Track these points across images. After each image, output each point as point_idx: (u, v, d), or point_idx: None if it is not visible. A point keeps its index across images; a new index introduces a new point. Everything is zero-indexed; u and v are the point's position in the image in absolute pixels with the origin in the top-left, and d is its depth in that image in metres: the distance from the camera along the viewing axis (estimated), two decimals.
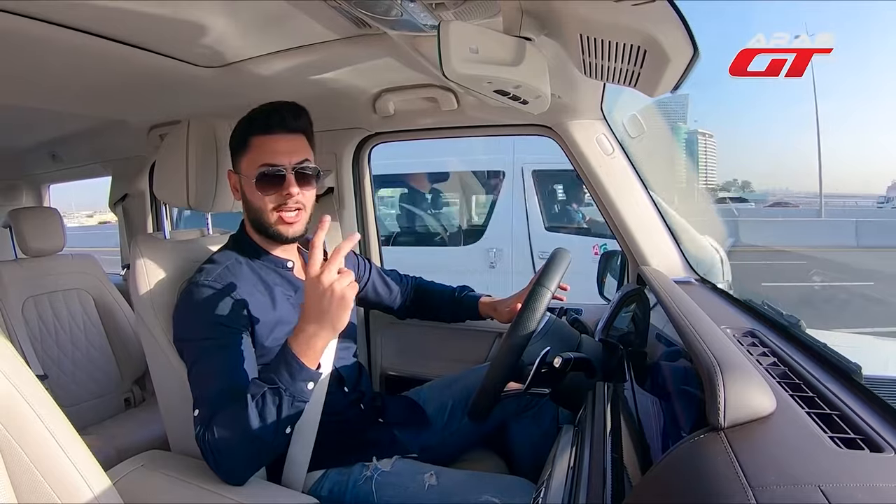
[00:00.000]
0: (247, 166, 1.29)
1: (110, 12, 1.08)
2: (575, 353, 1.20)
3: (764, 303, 1.26)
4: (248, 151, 1.29)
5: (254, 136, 1.29)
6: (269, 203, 1.29)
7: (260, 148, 1.28)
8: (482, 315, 1.72)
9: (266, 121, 1.28)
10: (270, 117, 1.28)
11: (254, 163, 1.28)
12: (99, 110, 1.96)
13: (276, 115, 1.28)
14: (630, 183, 1.78)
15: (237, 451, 1.09)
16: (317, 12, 1.14)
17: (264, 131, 1.28)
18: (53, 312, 2.39)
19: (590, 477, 0.82)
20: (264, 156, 1.27)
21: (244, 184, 1.31)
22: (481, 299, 1.74)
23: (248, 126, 1.30)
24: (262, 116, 1.29)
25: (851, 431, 0.58)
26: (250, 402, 1.06)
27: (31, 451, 0.77)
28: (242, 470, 1.13)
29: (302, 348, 1.10)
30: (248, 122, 1.30)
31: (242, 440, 1.07)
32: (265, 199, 1.28)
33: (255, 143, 1.28)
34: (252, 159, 1.28)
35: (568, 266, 1.28)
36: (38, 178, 3.41)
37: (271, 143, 1.28)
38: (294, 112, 1.31)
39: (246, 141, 1.30)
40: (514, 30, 0.97)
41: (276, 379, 1.09)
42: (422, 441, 1.48)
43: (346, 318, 1.10)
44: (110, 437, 2.14)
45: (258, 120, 1.29)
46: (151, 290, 1.32)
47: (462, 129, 2.07)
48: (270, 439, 1.09)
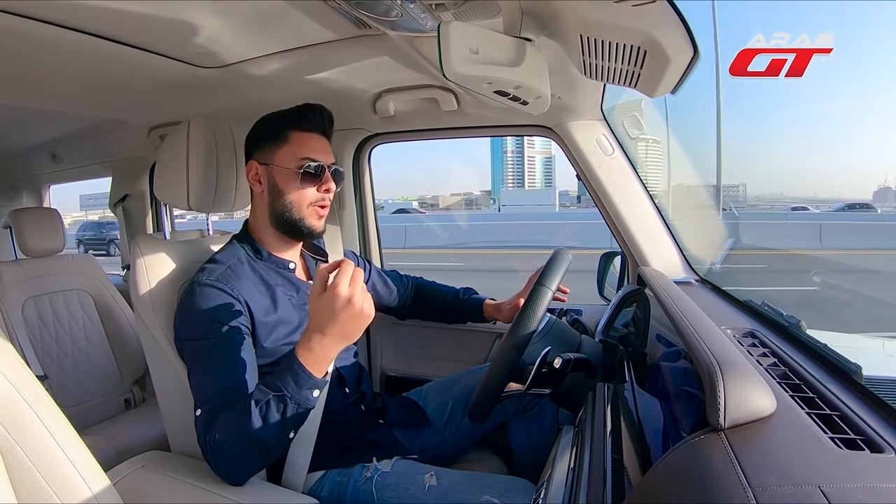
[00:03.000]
0: (284, 158, 1.31)
1: (110, 13, 1.08)
2: (575, 354, 1.20)
3: (764, 303, 1.26)
4: (287, 144, 1.31)
5: (293, 131, 1.32)
6: (307, 196, 1.31)
7: (301, 142, 1.31)
8: (486, 317, 1.73)
9: (306, 118, 1.32)
10: (309, 116, 1.32)
11: (293, 155, 1.30)
12: (99, 111, 1.96)
13: (315, 116, 1.33)
14: (630, 183, 1.78)
15: (239, 453, 1.08)
16: (316, 13, 1.14)
17: (304, 128, 1.32)
18: (53, 313, 2.39)
19: (590, 477, 0.82)
20: (307, 150, 1.31)
21: (278, 175, 1.32)
22: (486, 301, 1.74)
23: (286, 120, 1.32)
24: (301, 113, 1.32)
25: (851, 432, 0.58)
26: (254, 407, 1.05)
27: (31, 451, 0.77)
28: (243, 472, 1.12)
29: (310, 356, 1.07)
30: (285, 116, 1.33)
31: (245, 443, 1.06)
32: (304, 191, 1.31)
33: (295, 137, 1.31)
34: (291, 152, 1.30)
35: (568, 266, 1.28)
36: (39, 179, 3.41)
37: (311, 140, 1.32)
38: (329, 117, 1.36)
39: (285, 133, 1.32)
40: (514, 30, 0.97)
41: (282, 387, 1.06)
42: (422, 441, 1.48)
43: (361, 331, 1.08)
44: (110, 437, 2.14)
45: (296, 116, 1.32)
46: (151, 290, 1.32)
47: (462, 130, 2.07)
48: (273, 443, 1.08)
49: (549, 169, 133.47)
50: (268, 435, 1.05)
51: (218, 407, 1.10)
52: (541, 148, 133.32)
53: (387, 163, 60.04)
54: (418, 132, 2.11)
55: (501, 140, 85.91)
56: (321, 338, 1.06)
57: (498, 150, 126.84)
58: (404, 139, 2.20)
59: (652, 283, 1.40)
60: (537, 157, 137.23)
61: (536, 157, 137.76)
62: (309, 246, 1.51)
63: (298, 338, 1.31)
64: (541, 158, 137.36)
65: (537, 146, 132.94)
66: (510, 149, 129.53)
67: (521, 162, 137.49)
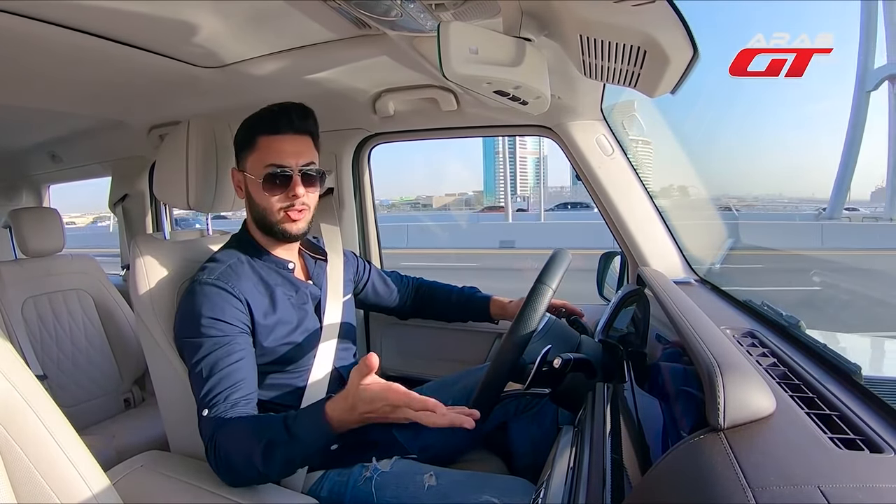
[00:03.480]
0: (253, 165, 1.30)
1: (110, 13, 1.08)
2: (575, 354, 1.20)
3: (763, 303, 1.26)
4: (255, 150, 1.29)
5: (261, 136, 1.29)
6: (275, 203, 1.30)
7: (267, 148, 1.28)
8: (492, 315, 1.73)
9: (274, 120, 1.29)
10: (279, 117, 1.29)
11: (260, 162, 1.28)
12: (99, 110, 1.96)
13: (285, 116, 1.29)
14: (630, 183, 1.78)
15: (242, 469, 1.11)
16: (316, 13, 1.14)
17: (272, 131, 1.29)
18: (53, 313, 2.39)
19: (589, 477, 0.82)
20: (271, 156, 1.28)
21: (249, 183, 1.32)
22: (493, 299, 1.74)
23: (256, 124, 1.30)
24: (271, 116, 1.29)
25: (851, 432, 0.58)
26: (259, 442, 1.06)
27: (31, 451, 0.77)
28: (245, 480, 1.14)
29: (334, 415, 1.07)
30: (256, 121, 1.30)
31: (246, 462, 1.09)
32: (271, 199, 1.30)
33: (262, 143, 1.29)
34: (259, 158, 1.29)
35: (568, 265, 1.28)
36: (38, 179, 3.41)
37: (279, 143, 1.29)
38: (302, 113, 1.31)
39: (253, 139, 1.30)
40: (513, 30, 0.97)
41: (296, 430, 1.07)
42: (421, 441, 1.47)
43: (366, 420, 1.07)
44: (110, 437, 2.14)
45: (266, 119, 1.29)
46: (151, 290, 1.32)
47: (462, 130, 2.07)
48: (275, 473, 1.13)
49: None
50: (269, 467, 1.07)
51: (226, 410, 1.12)
52: (533, 148, 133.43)
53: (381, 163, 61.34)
54: (418, 132, 2.11)
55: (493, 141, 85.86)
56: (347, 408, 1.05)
57: (490, 151, 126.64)
58: (404, 139, 2.19)
59: (651, 283, 1.40)
60: (529, 158, 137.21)
61: (528, 158, 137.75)
62: (308, 245, 1.51)
63: (297, 338, 1.32)
64: (532, 159, 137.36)
65: (529, 147, 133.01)
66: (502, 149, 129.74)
67: (514, 162, 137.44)
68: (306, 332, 1.36)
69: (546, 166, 35.84)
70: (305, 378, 1.34)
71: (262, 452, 1.05)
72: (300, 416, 1.09)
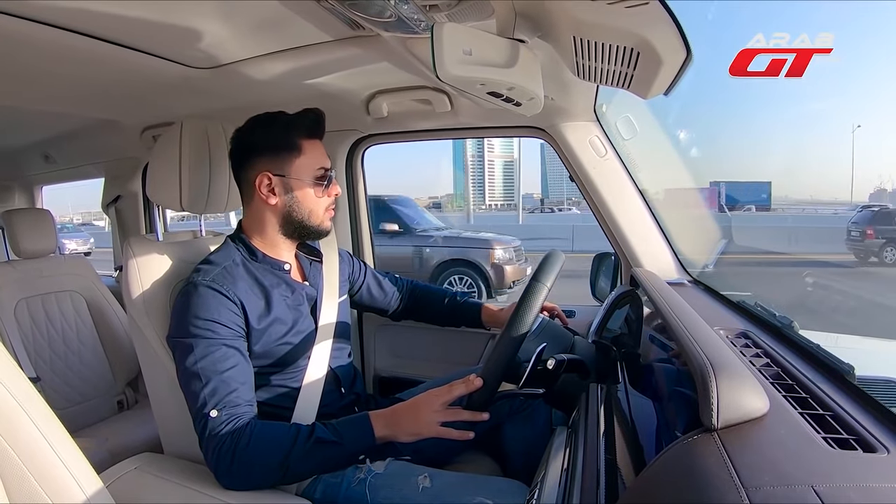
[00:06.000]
0: (300, 169, 1.33)
1: (103, 14, 1.08)
2: (568, 355, 1.20)
3: (757, 304, 1.26)
4: (302, 154, 1.33)
5: (303, 139, 1.33)
6: (324, 204, 1.38)
7: (313, 151, 1.34)
8: (484, 322, 1.74)
9: (311, 126, 1.35)
10: (313, 123, 1.35)
11: (310, 166, 1.33)
12: (92, 111, 1.95)
13: (317, 122, 1.36)
14: (623, 184, 1.79)
15: (258, 472, 1.13)
16: (310, 14, 1.14)
17: (312, 135, 1.35)
18: (46, 314, 2.38)
19: (583, 478, 0.82)
20: (321, 159, 1.35)
21: (296, 186, 1.34)
22: (485, 306, 1.75)
23: (294, 129, 1.33)
24: (307, 121, 1.34)
25: (844, 432, 0.58)
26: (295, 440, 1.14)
27: (24, 453, 0.76)
28: (251, 484, 1.15)
29: (383, 424, 1.23)
30: (292, 125, 1.33)
31: (267, 465, 1.12)
32: (321, 200, 1.36)
33: (307, 147, 1.34)
34: (308, 164, 1.33)
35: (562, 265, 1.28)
36: (31, 180, 3.39)
37: (319, 147, 1.37)
38: (324, 122, 1.38)
39: (296, 143, 1.33)
40: (507, 32, 0.97)
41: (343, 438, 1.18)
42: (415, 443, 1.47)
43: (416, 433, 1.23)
44: (103, 439, 2.12)
45: (303, 124, 1.34)
46: (144, 291, 1.32)
47: (455, 131, 2.08)
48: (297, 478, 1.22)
49: (509, 173, 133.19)
50: (297, 468, 1.16)
51: (243, 412, 1.15)
52: (501, 152, 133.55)
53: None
54: (412, 133, 2.11)
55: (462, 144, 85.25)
56: (396, 420, 1.24)
57: (460, 155, 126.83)
58: (398, 140, 2.20)
59: (645, 284, 1.40)
60: (497, 161, 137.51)
61: (496, 161, 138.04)
62: (303, 246, 1.51)
63: (293, 338, 1.32)
64: (500, 162, 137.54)
65: (497, 150, 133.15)
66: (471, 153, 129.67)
67: (483, 166, 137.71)
68: (302, 332, 1.36)
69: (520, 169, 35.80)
70: (300, 379, 1.34)
71: (301, 454, 1.13)
72: (342, 423, 1.21)
